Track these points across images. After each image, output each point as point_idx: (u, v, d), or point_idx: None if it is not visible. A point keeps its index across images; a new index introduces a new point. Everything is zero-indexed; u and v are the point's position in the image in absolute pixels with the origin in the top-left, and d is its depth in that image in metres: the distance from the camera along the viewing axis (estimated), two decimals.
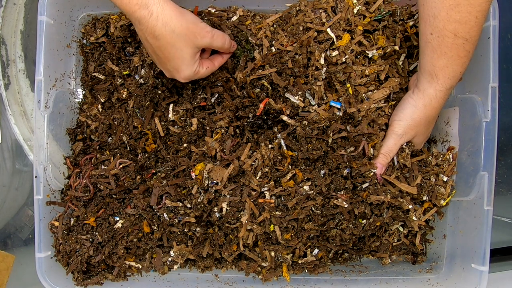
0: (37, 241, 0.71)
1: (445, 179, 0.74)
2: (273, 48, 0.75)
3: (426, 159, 0.75)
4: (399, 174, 0.73)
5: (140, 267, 0.77)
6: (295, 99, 0.72)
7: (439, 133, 0.79)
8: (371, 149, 0.72)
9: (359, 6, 0.73)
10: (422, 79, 0.68)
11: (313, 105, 0.72)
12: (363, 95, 0.74)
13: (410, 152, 0.73)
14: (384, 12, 0.74)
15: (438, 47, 0.62)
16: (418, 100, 0.69)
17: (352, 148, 0.72)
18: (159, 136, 0.76)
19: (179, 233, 0.75)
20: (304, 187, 0.72)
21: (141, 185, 0.75)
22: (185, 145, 0.75)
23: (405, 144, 0.72)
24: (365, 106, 0.73)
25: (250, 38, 0.76)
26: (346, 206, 0.71)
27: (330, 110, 0.72)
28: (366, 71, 0.73)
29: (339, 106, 0.72)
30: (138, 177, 0.75)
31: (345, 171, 0.72)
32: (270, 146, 0.73)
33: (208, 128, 0.75)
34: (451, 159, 0.75)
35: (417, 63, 0.77)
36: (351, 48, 0.73)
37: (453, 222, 0.75)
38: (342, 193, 0.72)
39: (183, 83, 0.73)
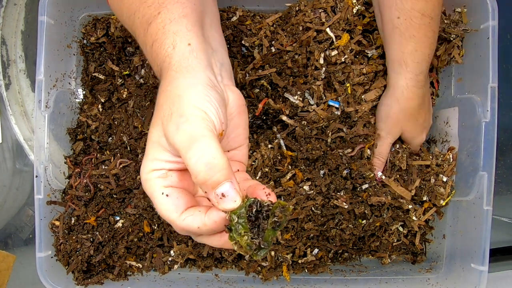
0: (38, 241, 0.71)
1: (444, 179, 0.74)
2: (272, 48, 0.75)
3: (429, 162, 0.75)
4: (397, 176, 0.73)
5: (141, 266, 0.77)
6: (294, 99, 0.72)
7: (439, 133, 0.79)
8: (368, 150, 0.72)
9: (359, 6, 0.73)
10: (391, 73, 0.68)
11: (312, 105, 0.72)
12: (362, 96, 0.74)
13: (406, 155, 0.73)
14: None
15: (406, 30, 0.63)
16: (390, 96, 0.69)
17: (349, 150, 0.72)
18: None
19: None
20: (304, 187, 0.72)
21: (141, 185, 0.75)
22: None
23: (398, 145, 0.73)
24: (363, 108, 0.73)
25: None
26: (346, 206, 0.71)
27: (328, 109, 0.72)
28: (364, 69, 0.74)
29: (337, 106, 0.72)
30: (139, 176, 0.75)
31: (345, 172, 0.72)
32: (269, 146, 0.73)
33: None
34: (451, 159, 0.75)
35: None
36: (350, 48, 0.73)
37: (452, 222, 0.75)
38: (342, 193, 0.72)
39: None
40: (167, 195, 0.42)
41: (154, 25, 0.47)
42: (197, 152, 0.39)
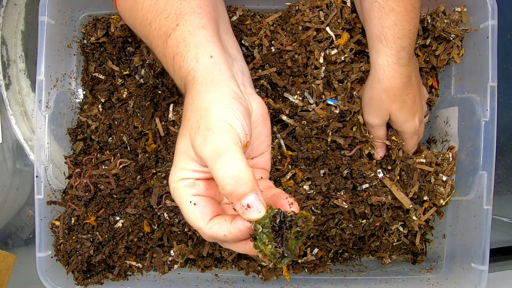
0: (38, 241, 0.71)
1: (444, 178, 0.74)
2: (272, 47, 0.75)
3: (428, 159, 0.75)
4: (398, 178, 0.73)
5: (141, 266, 0.77)
6: (294, 99, 0.72)
7: (439, 133, 0.80)
8: (366, 150, 0.72)
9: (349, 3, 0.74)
10: (372, 52, 0.67)
11: (312, 104, 0.72)
12: (354, 93, 0.74)
13: (398, 148, 0.72)
14: None
15: (385, 3, 0.62)
16: (371, 77, 0.67)
17: (347, 151, 0.72)
18: (160, 136, 0.76)
19: (179, 232, 0.75)
20: (304, 186, 0.72)
21: (141, 185, 0.75)
22: None
23: (393, 136, 0.72)
24: (355, 107, 0.73)
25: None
26: (346, 206, 0.71)
27: (327, 108, 0.72)
28: (363, 67, 0.74)
29: (335, 104, 0.72)
30: (139, 177, 0.75)
31: (345, 172, 0.72)
32: None
33: None
34: (451, 159, 0.75)
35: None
36: (350, 47, 0.74)
37: (452, 222, 0.75)
38: (342, 193, 0.72)
39: None
40: (194, 204, 0.44)
41: (174, 37, 0.48)
42: (224, 165, 0.40)
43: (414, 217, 0.74)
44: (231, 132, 0.42)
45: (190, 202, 0.44)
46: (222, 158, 0.41)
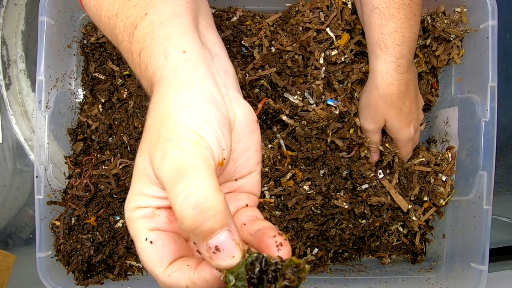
0: (38, 241, 0.71)
1: (444, 178, 0.74)
2: (272, 48, 0.75)
3: (426, 159, 0.75)
4: (397, 180, 0.73)
5: (141, 266, 0.77)
6: (294, 99, 0.72)
7: (439, 133, 0.80)
8: (362, 153, 0.72)
9: (350, 3, 0.74)
10: (371, 58, 0.66)
11: (312, 104, 0.72)
12: (355, 94, 0.74)
13: (391, 155, 0.72)
14: None
15: (386, 9, 0.62)
16: (370, 82, 0.67)
17: (345, 153, 0.72)
18: None
19: None
20: (304, 186, 0.72)
21: None
22: None
23: (387, 143, 0.72)
24: (354, 109, 0.73)
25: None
26: (346, 206, 0.71)
27: (327, 109, 0.72)
28: (364, 68, 0.74)
29: (335, 105, 0.72)
30: None
31: (344, 172, 0.72)
32: (269, 146, 0.74)
33: None
34: (450, 159, 0.75)
35: (414, 61, 0.77)
36: (350, 48, 0.74)
37: (452, 222, 0.75)
38: (342, 193, 0.72)
39: None
40: (151, 242, 0.34)
41: (141, 28, 0.39)
42: (184, 189, 0.30)
43: (413, 218, 0.74)
44: (199, 145, 0.32)
45: (146, 239, 0.34)
46: (183, 179, 0.30)
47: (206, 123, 0.34)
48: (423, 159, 0.74)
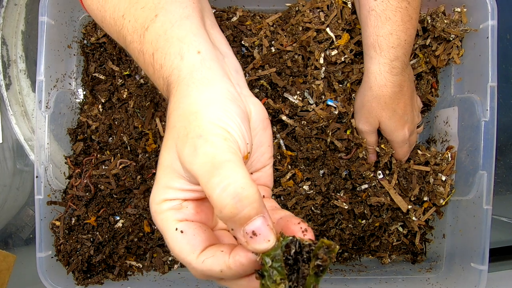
0: (38, 241, 0.71)
1: (443, 178, 0.74)
2: (272, 48, 0.75)
3: (425, 158, 0.75)
4: (396, 181, 0.73)
5: (141, 266, 0.77)
6: (293, 99, 0.73)
7: (439, 133, 0.80)
8: (360, 154, 0.72)
9: (350, 3, 0.74)
10: (366, 59, 0.66)
11: (311, 104, 0.73)
12: (353, 95, 0.74)
13: (388, 156, 0.72)
14: None
15: (382, 12, 0.62)
16: (364, 84, 0.67)
17: (344, 154, 0.72)
18: (160, 136, 0.76)
19: None
20: (304, 187, 0.72)
21: (141, 185, 0.75)
22: None
23: (383, 144, 0.72)
24: (352, 109, 0.73)
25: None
26: (346, 207, 0.71)
27: (327, 109, 0.72)
28: (363, 68, 0.74)
29: (335, 105, 0.72)
30: (139, 177, 0.75)
31: (344, 173, 0.72)
32: None
33: None
34: (450, 158, 0.75)
35: (414, 60, 0.77)
36: (350, 48, 0.74)
37: (452, 222, 0.75)
38: (341, 194, 0.72)
39: None
40: (181, 232, 0.36)
41: (153, 30, 0.41)
42: (222, 181, 0.32)
43: (413, 218, 0.74)
44: (228, 139, 0.34)
45: (176, 229, 0.36)
46: (219, 172, 0.32)
47: (231, 119, 0.36)
48: (423, 157, 0.74)
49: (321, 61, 0.74)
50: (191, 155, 0.34)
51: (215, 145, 0.34)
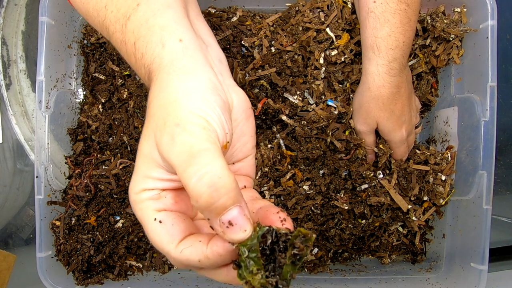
0: (38, 241, 0.71)
1: (443, 178, 0.74)
2: (272, 48, 0.75)
3: (424, 157, 0.75)
4: (396, 181, 0.73)
5: (141, 266, 0.77)
6: (293, 99, 0.73)
7: (439, 133, 0.80)
8: (359, 155, 0.72)
9: (350, 3, 0.74)
10: (364, 60, 0.66)
11: (311, 104, 0.73)
12: (351, 95, 0.74)
13: (386, 156, 0.72)
14: None
15: (381, 14, 0.62)
16: (362, 84, 0.67)
17: (343, 155, 0.72)
18: None
19: None
20: (304, 186, 0.72)
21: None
22: None
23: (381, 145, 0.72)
24: (351, 109, 0.73)
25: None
26: (346, 207, 0.71)
27: (327, 109, 0.72)
28: (362, 69, 0.74)
29: (335, 105, 0.72)
30: None
31: (344, 173, 0.72)
32: (269, 146, 0.74)
33: None
34: (450, 158, 0.75)
35: (414, 61, 0.77)
36: (350, 48, 0.74)
37: (452, 222, 0.76)
38: (341, 194, 0.72)
39: None
40: (160, 222, 0.36)
41: (135, 19, 0.40)
42: (198, 170, 0.31)
43: (413, 218, 0.74)
44: (207, 129, 0.34)
45: (155, 219, 0.36)
46: (195, 161, 0.32)
47: (211, 108, 0.35)
48: (423, 156, 0.75)
49: (321, 61, 0.74)
50: (168, 144, 0.34)
51: (193, 134, 0.33)
